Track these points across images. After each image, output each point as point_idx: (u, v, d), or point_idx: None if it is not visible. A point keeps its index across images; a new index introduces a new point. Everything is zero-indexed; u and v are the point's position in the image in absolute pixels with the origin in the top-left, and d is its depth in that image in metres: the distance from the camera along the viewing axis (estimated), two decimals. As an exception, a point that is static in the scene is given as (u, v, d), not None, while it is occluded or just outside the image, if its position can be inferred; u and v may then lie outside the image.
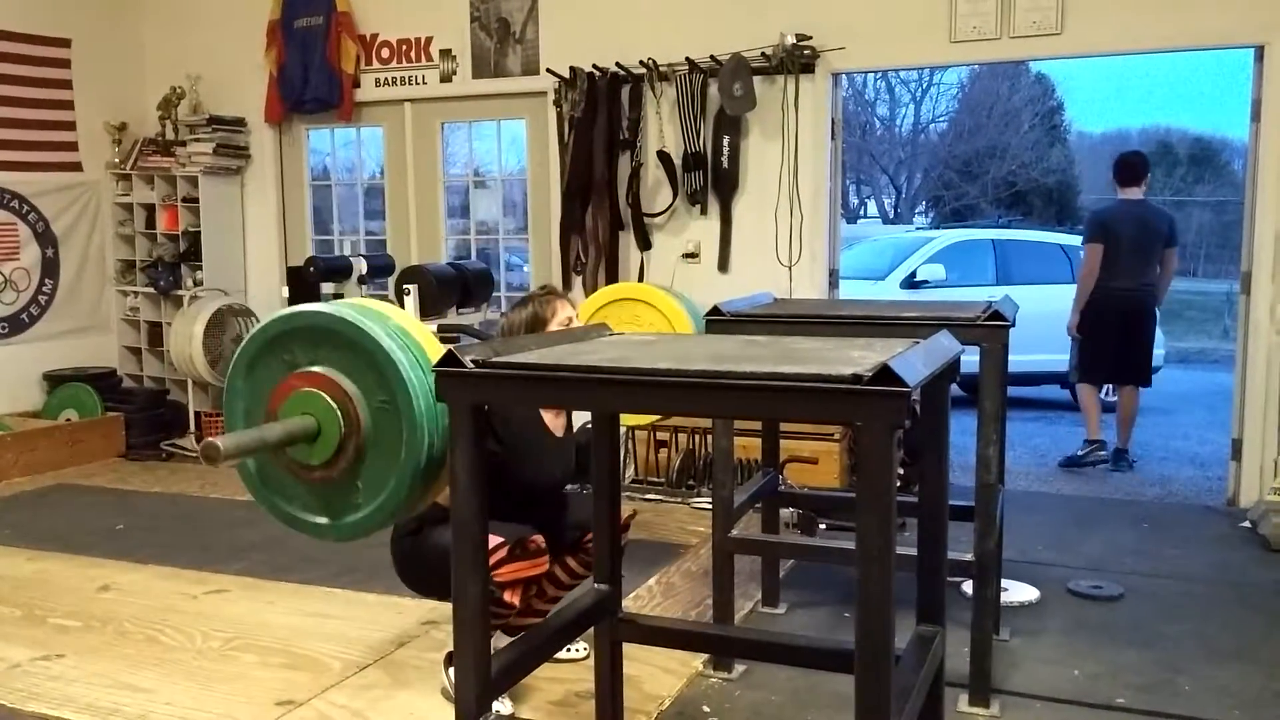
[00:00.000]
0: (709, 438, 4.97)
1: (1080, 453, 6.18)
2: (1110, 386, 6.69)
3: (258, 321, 6.46)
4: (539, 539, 2.79)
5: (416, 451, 2.15)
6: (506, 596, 2.68)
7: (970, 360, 2.50)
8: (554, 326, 3.00)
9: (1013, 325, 2.91)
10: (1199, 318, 16.47)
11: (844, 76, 5.60)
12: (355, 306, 2.26)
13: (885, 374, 1.59)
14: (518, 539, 2.71)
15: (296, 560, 4.22)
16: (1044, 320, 6.86)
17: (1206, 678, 3.07)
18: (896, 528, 1.66)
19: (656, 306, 3.89)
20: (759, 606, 3.64)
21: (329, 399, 2.20)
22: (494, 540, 2.48)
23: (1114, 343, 5.91)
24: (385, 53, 6.29)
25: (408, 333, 2.24)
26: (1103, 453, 6.12)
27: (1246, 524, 4.66)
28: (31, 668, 3.21)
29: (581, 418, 3.62)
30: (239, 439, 2.19)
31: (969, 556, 2.90)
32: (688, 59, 5.44)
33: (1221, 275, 19.89)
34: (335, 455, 2.22)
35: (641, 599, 3.73)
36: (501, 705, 2.73)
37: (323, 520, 2.32)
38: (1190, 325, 15.77)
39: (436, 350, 2.24)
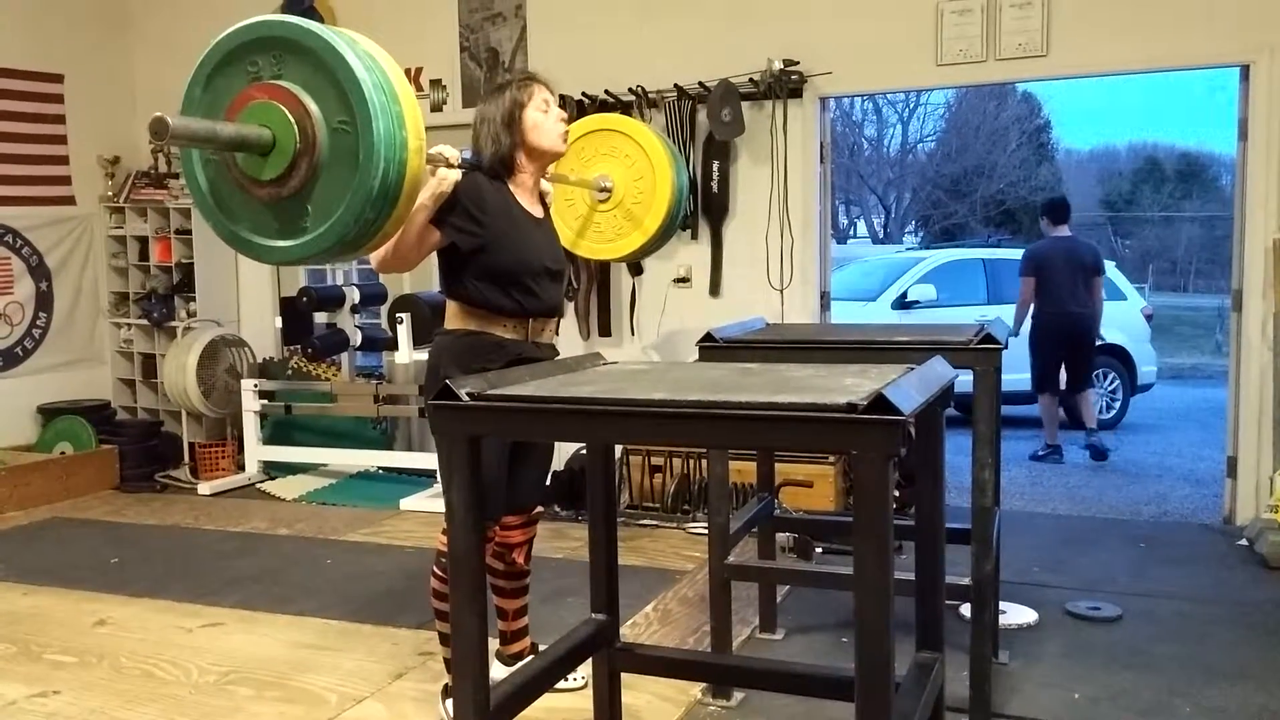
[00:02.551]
0: (704, 462, 4.98)
1: (1040, 453, 7.08)
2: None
3: (252, 354, 6.50)
4: (494, 532, 2.93)
5: (370, 178, 2.11)
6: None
7: (965, 379, 2.51)
8: (532, 110, 2.86)
9: (1005, 348, 2.91)
10: (1190, 333, 16.54)
11: (832, 100, 5.65)
12: (325, 25, 2.22)
13: (880, 403, 1.59)
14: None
15: (291, 592, 4.21)
16: (1036, 339, 6.94)
17: (1206, 699, 3.06)
18: (894, 553, 1.67)
19: (633, 137, 3.97)
20: (756, 632, 3.63)
21: (288, 112, 2.16)
22: None
23: (1061, 357, 6.98)
24: (376, 83, 6.31)
25: (374, 57, 2.20)
26: (1057, 457, 7.03)
27: (1243, 542, 4.66)
28: (28, 705, 3.19)
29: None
30: (189, 123, 2.15)
31: (966, 580, 2.90)
32: (676, 86, 5.48)
33: (1212, 290, 19.99)
34: (287, 171, 2.17)
35: (639, 626, 3.72)
36: (500, 737, 2.72)
37: (269, 242, 2.27)
38: (1182, 341, 15.82)
39: (401, 79, 2.23)
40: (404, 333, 5.63)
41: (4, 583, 4.43)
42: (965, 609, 3.25)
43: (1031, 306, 6.96)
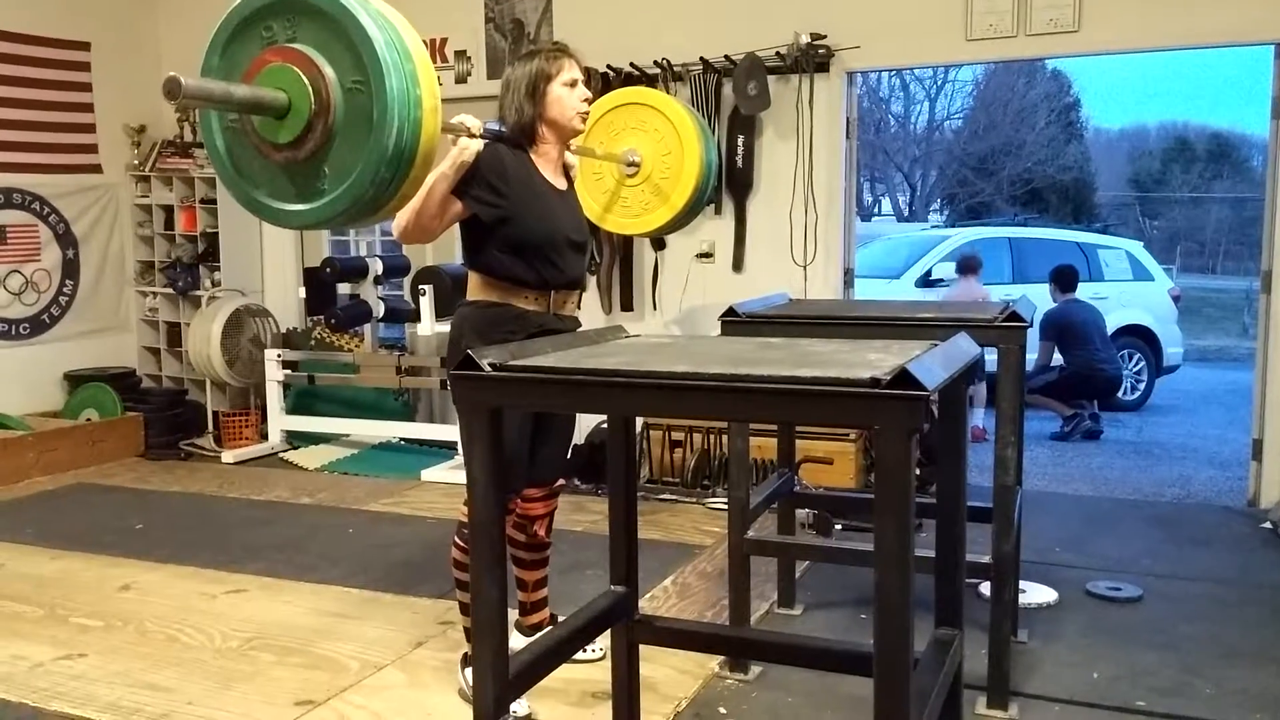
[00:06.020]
0: (724, 437, 4.97)
1: (1065, 429, 7.17)
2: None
3: (276, 324, 6.54)
4: (515, 503, 2.94)
5: (385, 137, 2.12)
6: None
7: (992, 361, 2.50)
8: (557, 85, 2.84)
9: (1030, 326, 2.89)
10: (1217, 315, 16.38)
11: (859, 75, 5.59)
12: None
13: (903, 377, 1.58)
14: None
15: (314, 560, 4.24)
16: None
17: (1227, 680, 3.05)
18: (914, 530, 1.66)
19: (663, 112, 3.94)
20: (775, 607, 3.64)
21: (302, 75, 2.17)
22: None
23: (1090, 399, 7.38)
24: (401, 54, 6.29)
25: (386, 17, 2.21)
26: (1086, 424, 7.18)
27: (1267, 525, 4.63)
28: (54, 667, 3.23)
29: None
30: (204, 83, 2.17)
31: (987, 558, 2.89)
32: (702, 59, 5.44)
33: (1240, 272, 19.77)
34: (303, 134, 2.18)
35: (657, 600, 3.74)
36: (519, 706, 2.74)
37: (287, 206, 2.29)
38: (1209, 323, 15.67)
39: (415, 38, 2.23)
40: (426, 304, 5.65)
41: (31, 547, 4.50)
42: (985, 587, 3.25)
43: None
